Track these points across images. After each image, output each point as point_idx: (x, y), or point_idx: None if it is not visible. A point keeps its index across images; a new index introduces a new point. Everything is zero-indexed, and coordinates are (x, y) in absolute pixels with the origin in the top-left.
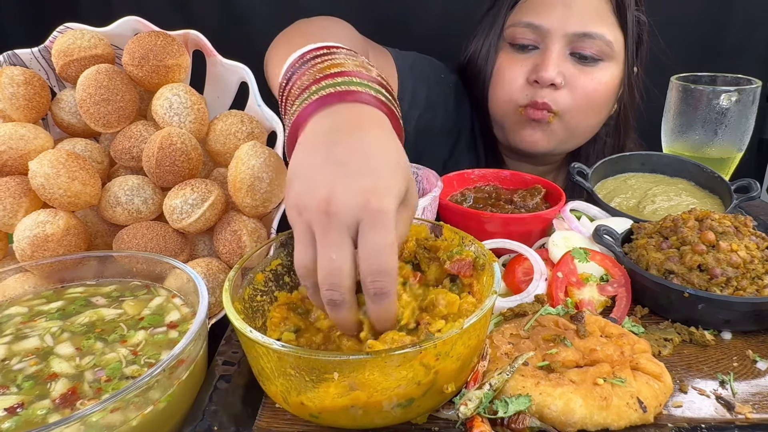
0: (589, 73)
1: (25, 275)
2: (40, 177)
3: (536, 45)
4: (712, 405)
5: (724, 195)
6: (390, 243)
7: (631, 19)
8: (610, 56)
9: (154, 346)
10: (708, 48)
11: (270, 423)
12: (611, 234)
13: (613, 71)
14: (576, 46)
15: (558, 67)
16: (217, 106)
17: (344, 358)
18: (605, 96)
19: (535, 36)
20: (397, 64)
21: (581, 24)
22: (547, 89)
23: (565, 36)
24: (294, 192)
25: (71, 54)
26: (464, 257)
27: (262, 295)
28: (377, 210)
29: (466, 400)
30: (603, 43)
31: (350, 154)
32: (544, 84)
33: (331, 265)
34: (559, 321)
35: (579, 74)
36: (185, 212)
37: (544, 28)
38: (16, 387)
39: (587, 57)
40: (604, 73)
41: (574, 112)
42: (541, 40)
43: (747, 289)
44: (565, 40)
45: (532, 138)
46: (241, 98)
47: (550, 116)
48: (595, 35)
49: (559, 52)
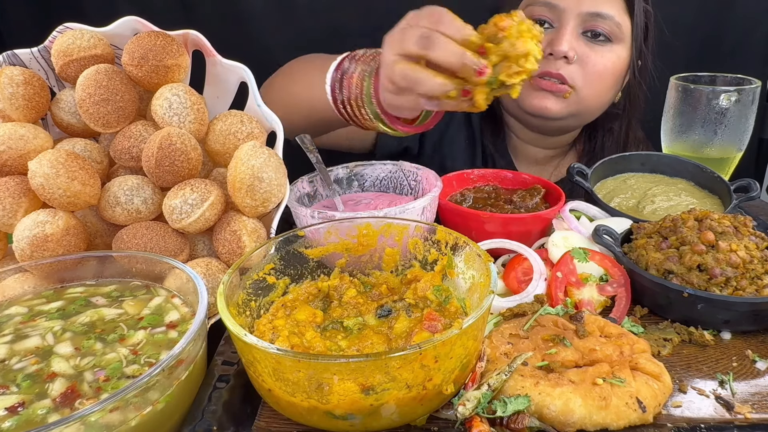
0: (601, 52)
1: (24, 275)
2: (40, 177)
3: (551, 23)
4: (711, 405)
5: (723, 195)
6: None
7: (639, 6)
8: (619, 38)
9: (153, 346)
10: (708, 48)
11: (269, 423)
12: (611, 234)
13: (620, 53)
14: (589, 25)
15: (571, 43)
16: (216, 106)
17: (344, 361)
18: (613, 75)
19: (551, 14)
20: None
21: (594, 4)
22: (560, 61)
23: (579, 15)
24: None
25: (71, 54)
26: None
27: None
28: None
29: (465, 401)
30: (613, 24)
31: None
32: (558, 56)
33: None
34: (559, 321)
35: (590, 52)
36: (185, 212)
37: (560, 6)
38: (16, 386)
39: (599, 34)
40: (613, 53)
41: (587, 87)
42: (556, 18)
43: (746, 289)
44: (578, 19)
45: (544, 103)
46: (240, 98)
47: (567, 91)
48: (606, 15)
49: (573, 30)
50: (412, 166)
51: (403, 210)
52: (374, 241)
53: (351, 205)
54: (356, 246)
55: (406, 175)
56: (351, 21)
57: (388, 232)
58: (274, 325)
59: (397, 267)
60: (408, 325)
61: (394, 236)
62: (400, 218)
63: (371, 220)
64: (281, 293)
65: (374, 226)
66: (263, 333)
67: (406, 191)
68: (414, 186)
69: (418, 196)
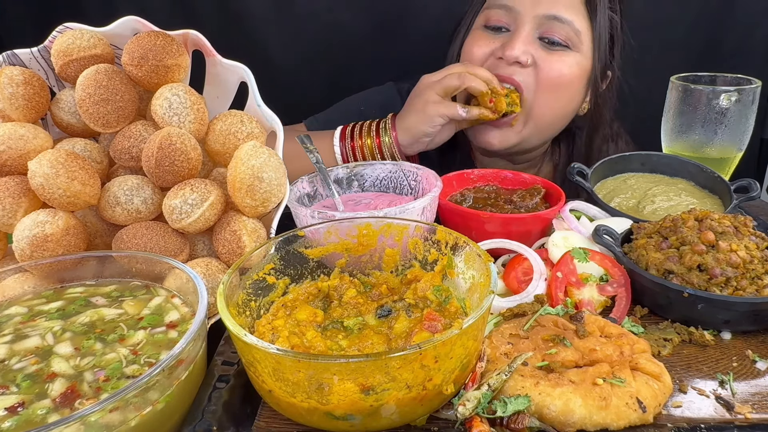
0: (557, 58)
1: (24, 275)
2: (40, 177)
3: (508, 27)
4: (711, 405)
5: (723, 195)
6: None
7: (601, 13)
8: (577, 46)
9: (153, 346)
10: (708, 48)
11: (269, 423)
12: (611, 234)
13: (580, 61)
14: (545, 30)
15: (525, 47)
16: (216, 106)
17: (344, 361)
18: (571, 82)
19: (508, 18)
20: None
21: (551, 6)
22: (512, 66)
23: (535, 17)
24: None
25: (71, 54)
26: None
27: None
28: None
29: (465, 401)
30: (571, 30)
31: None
32: (509, 61)
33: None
34: (559, 321)
35: (546, 56)
36: (185, 212)
37: (516, 9)
38: (16, 386)
39: (555, 42)
40: (571, 60)
41: (539, 93)
42: (512, 21)
43: (746, 289)
44: (535, 22)
45: (486, 138)
46: (240, 98)
47: (510, 121)
48: (564, 20)
49: (529, 34)
50: (412, 166)
51: (403, 210)
52: (374, 241)
53: (351, 205)
54: (356, 246)
55: (406, 175)
56: (351, 21)
57: (388, 232)
58: (274, 326)
59: (397, 267)
60: (408, 325)
61: (394, 236)
62: (400, 218)
63: (371, 220)
64: (281, 293)
65: (374, 226)
66: (263, 333)
67: (406, 191)
68: (414, 186)
69: (418, 196)
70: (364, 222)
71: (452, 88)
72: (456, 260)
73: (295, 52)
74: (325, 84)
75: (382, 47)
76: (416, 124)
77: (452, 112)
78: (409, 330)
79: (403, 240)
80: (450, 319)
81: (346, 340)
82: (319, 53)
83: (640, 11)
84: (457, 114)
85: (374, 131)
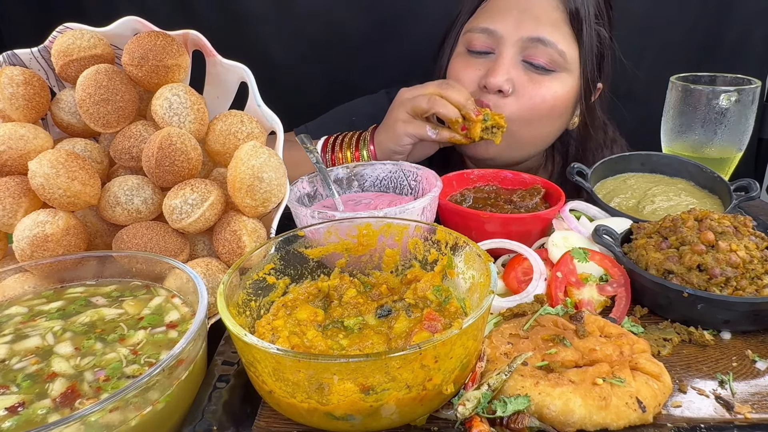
0: (540, 83)
1: (24, 275)
2: (40, 177)
3: (491, 51)
4: (711, 405)
5: (723, 195)
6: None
7: (588, 32)
8: (563, 67)
9: (153, 346)
10: (708, 48)
11: (269, 423)
12: (611, 234)
13: (566, 82)
14: (528, 54)
15: (508, 74)
16: (216, 106)
17: (344, 361)
18: (554, 107)
19: (490, 42)
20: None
21: (534, 29)
22: (494, 95)
23: (518, 41)
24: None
25: (71, 54)
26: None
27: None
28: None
29: (465, 401)
30: (555, 52)
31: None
32: (492, 90)
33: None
34: (559, 321)
35: (528, 83)
36: (185, 212)
37: (498, 33)
38: (16, 386)
39: (538, 66)
40: (555, 83)
41: (519, 121)
42: (495, 45)
43: (746, 289)
44: (518, 46)
45: (472, 150)
46: (240, 98)
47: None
48: (547, 42)
49: (512, 59)
50: (412, 166)
51: (403, 210)
52: (374, 241)
53: (351, 205)
54: (356, 246)
55: (406, 175)
56: (351, 21)
57: (388, 232)
58: (274, 326)
59: (397, 267)
60: (408, 325)
61: (394, 236)
62: (400, 218)
63: (371, 220)
64: (281, 293)
65: (374, 226)
66: (263, 333)
67: (406, 191)
68: (414, 186)
69: (418, 196)
70: (364, 222)
71: (421, 110)
72: (456, 260)
73: (295, 52)
74: (325, 84)
75: (382, 47)
76: (385, 141)
77: (420, 132)
78: (409, 330)
79: (403, 240)
80: (450, 319)
81: (346, 340)
82: (319, 53)
83: (640, 11)
84: (426, 135)
85: (354, 144)
